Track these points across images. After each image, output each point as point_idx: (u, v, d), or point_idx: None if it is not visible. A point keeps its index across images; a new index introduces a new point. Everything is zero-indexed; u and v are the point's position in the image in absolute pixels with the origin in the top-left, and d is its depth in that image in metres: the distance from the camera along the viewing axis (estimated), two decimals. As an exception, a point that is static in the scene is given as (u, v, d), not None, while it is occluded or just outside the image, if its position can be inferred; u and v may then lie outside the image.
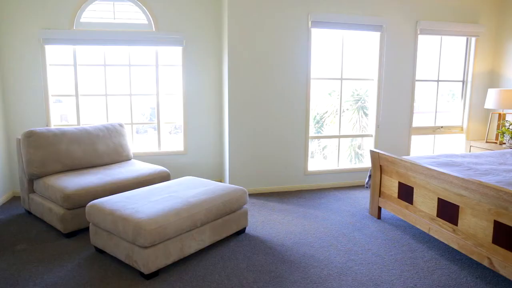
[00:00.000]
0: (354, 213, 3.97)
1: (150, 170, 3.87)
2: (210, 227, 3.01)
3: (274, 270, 2.76)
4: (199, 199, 2.96)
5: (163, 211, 2.69)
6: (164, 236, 2.60)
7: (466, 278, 2.67)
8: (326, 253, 3.03)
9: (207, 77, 4.81)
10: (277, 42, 4.48)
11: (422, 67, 5.22)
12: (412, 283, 2.60)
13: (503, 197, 2.37)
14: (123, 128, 4.33)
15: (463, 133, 5.50)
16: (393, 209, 3.55)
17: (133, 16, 4.45)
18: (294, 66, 4.58)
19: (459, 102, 5.50)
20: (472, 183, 2.61)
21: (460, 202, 2.77)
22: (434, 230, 3.02)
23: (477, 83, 5.40)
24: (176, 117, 4.88)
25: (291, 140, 4.72)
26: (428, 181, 3.07)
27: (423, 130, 5.33)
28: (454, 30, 5.07)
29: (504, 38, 5.23)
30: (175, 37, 4.55)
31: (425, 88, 5.39)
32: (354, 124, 5.72)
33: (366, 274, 2.72)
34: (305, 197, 4.52)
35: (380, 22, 4.75)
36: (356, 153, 5.67)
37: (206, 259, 2.92)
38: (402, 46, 4.95)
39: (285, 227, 3.57)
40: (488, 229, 2.53)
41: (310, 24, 4.52)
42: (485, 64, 5.39)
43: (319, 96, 5.31)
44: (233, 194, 3.21)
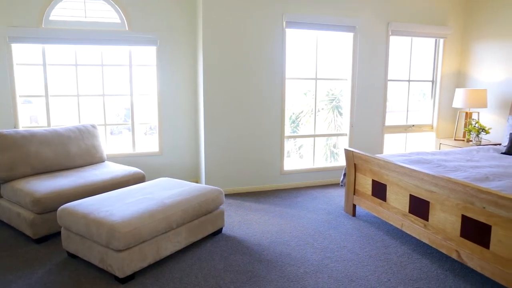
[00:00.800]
0: (330, 211, 4.03)
1: (124, 172, 3.80)
2: (186, 228, 2.99)
3: (251, 270, 2.77)
4: (175, 200, 2.94)
5: (137, 213, 2.64)
6: (139, 239, 2.56)
7: (436, 271, 2.76)
8: (302, 252, 3.07)
9: (182, 77, 4.76)
10: (252, 42, 4.49)
11: (394, 67, 5.36)
12: (386, 278, 2.66)
13: (470, 192, 2.46)
14: (96, 129, 4.23)
15: (433, 131, 5.68)
16: (367, 206, 3.63)
17: (105, 15, 4.35)
18: (269, 66, 4.60)
19: (429, 101, 5.67)
20: (441, 179, 2.70)
21: (430, 198, 2.86)
22: (407, 226, 3.11)
23: (445, 83, 5.58)
24: (151, 117, 4.81)
25: (267, 140, 4.74)
26: (401, 179, 3.16)
27: (396, 128, 5.47)
28: (423, 31, 5.23)
29: (469, 39, 5.44)
30: (149, 36, 4.48)
31: (397, 88, 5.54)
32: (329, 123, 5.80)
33: (342, 270, 2.77)
34: (281, 196, 4.55)
35: (353, 23, 4.84)
36: (331, 152, 5.75)
37: (182, 260, 2.90)
38: (375, 47, 5.06)
39: (261, 227, 3.59)
40: (457, 224, 2.63)
41: (284, 24, 4.55)
42: (453, 64, 5.59)
43: (294, 96, 5.36)
44: (209, 195, 3.20)
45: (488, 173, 3.11)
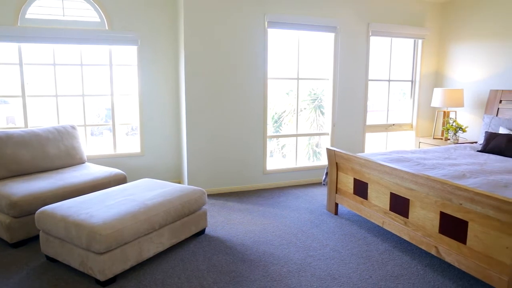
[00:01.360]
0: (312, 210, 4.06)
1: (105, 173, 3.74)
2: (169, 229, 2.97)
3: (235, 270, 2.76)
4: (157, 201, 2.91)
5: (119, 215, 2.61)
6: (121, 241, 2.53)
7: (416, 267, 2.82)
8: (285, 251, 3.08)
9: (164, 77, 4.72)
10: (234, 42, 4.49)
11: (375, 67, 5.44)
12: (368, 275, 2.70)
13: (448, 189, 2.52)
14: (75, 130, 4.15)
15: (412, 130, 5.80)
16: (349, 204, 3.67)
17: (84, 14, 4.27)
18: (251, 66, 4.61)
19: (409, 101, 5.78)
20: (420, 177, 2.76)
21: (410, 195, 2.91)
22: (388, 223, 3.16)
23: (424, 82, 5.70)
24: (132, 118, 4.75)
25: (249, 139, 4.74)
26: (381, 177, 3.21)
27: (376, 127, 5.56)
28: (402, 32, 5.33)
29: (446, 40, 5.57)
30: (130, 36, 4.43)
31: (378, 88, 5.62)
32: (312, 123, 5.84)
33: (324, 269, 2.79)
34: (264, 196, 4.57)
35: (334, 23, 4.89)
36: (314, 151, 5.80)
37: (165, 262, 2.87)
38: (355, 47, 5.13)
39: (244, 227, 3.59)
40: (435, 220, 2.69)
41: (266, 24, 4.56)
42: (431, 65, 5.71)
43: (277, 96, 5.38)
44: (192, 195, 3.18)
45: (465, 171, 3.19)
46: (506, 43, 4.74)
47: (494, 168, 3.30)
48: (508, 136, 3.99)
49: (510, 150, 3.89)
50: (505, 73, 4.77)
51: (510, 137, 3.96)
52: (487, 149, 4.12)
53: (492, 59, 4.93)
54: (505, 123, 4.35)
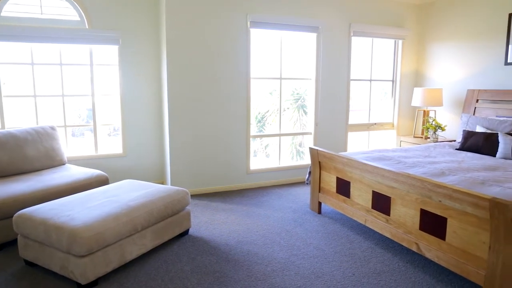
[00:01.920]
0: (296, 209, 4.09)
1: (86, 175, 3.68)
2: (152, 230, 2.94)
3: (219, 270, 2.76)
4: (139, 202, 2.88)
5: (100, 217, 2.57)
6: (102, 243, 2.49)
7: (398, 263, 2.87)
8: (269, 250, 3.09)
9: (146, 77, 4.67)
10: (216, 42, 4.47)
11: (356, 67, 5.51)
12: (351, 273, 2.74)
13: (427, 187, 2.58)
14: (55, 131, 4.07)
15: (394, 129, 5.89)
16: (332, 203, 3.71)
17: (63, 12, 4.19)
18: (234, 66, 4.60)
19: (390, 100, 5.88)
20: (401, 175, 2.81)
21: (391, 193, 2.96)
22: (370, 221, 3.21)
23: (404, 82, 5.81)
24: (114, 118, 4.68)
25: (232, 139, 4.74)
26: (363, 175, 3.25)
27: (359, 127, 5.63)
28: (383, 33, 5.41)
29: (425, 41, 5.69)
30: (110, 35, 4.36)
31: (360, 87, 5.70)
32: (295, 122, 5.88)
33: (308, 267, 2.82)
34: (248, 195, 4.57)
35: (316, 24, 4.93)
36: (297, 151, 5.84)
37: (148, 263, 2.85)
38: (337, 47, 5.18)
39: (228, 227, 3.59)
40: (416, 217, 2.74)
41: (249, 24, 4.57)
42: (411, 65, 5.82)
43: (260, 96, 5.39)
44: (175, 196, 3.16)
45: (444, 168, 3.26)
46: (481, 44, 4.87)
47: (471, 166, 3.39)
48: (484, 134, 4.10)
49: (487, 148, 4.00)
50: (481, 73, 4.91)
51: (486, 136, 4.07)
52: (465, 147, 4.22)
53: (469, 59, 5.06)
54: (481, 121, 4.47)
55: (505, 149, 3.78)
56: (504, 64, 4.61)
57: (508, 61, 4.56)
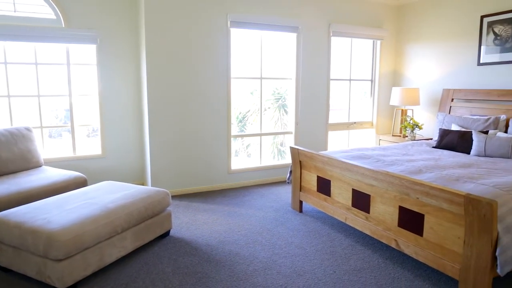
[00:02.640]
0: (277, 208, 4.11)
1: (64, 177, 3.60)
2: (132, 232, 2.90)
3: (200, 271, 2.75)
4: (119, 204, 2.83)
5: (79, 219, 2.52)
6: (81, 246, 2.44)
7: (377, 260, 2.92)
8: (251, 249, 3.10)
9: (125, 77, 4.60)
10: (196, 41, 4.45)
11: (336, 67, 5.58)
12: (332, 270, 2.77)
13: (405, 184, 2.64)
14: (30, 132, 3.96)
15: (373, 128, 5.99)
16: (313, 202, 3.74)
17: (38, 10, 4.08)
18: (214, 66, 4.59)
19: (369, 99, 5.97)
20: (380, 173, 2.86)
21: (371, 191, 3.01)
22: (350, 219, 3.25)
23: (383, 82, 5.91)
24: (93, 119, 4.59)
25: (213, 139, 4.72)
26: (343, 174, 3.29)
27: (339, 126, 5.70)
28: (361, 33, 5.50)
29: (403, 42, 5.81)
30: (88, 34, 4.27)
31: (339, 87, 5.76)
32: (276, 122, 5.90)
33: (290, 266, 2.83)
34: (230, 195, 4.56)
35: (296, 24, 4.97)
36: (279, 150, 5.86)
37: (129, 266, 2.81)
38: (317, 47, 5.23)
39: (210, 227, 3.57)
40: (394, 214, 2.80)
41: (229, 24, 4.56)
42: (389, 65, 5.93)
43: (241, 95, 5.39)
44: (155, 197, 3.13)
45: (421, 166, 3.34)
46: (456, 45, 5.00)
47: (447, 163, 3.48)
48: (459, 132, 4.22)
49: (461, 146, 4.12)
50: (456, 73, 5.04)
51: (461, 134, 4.19)
52: (441, 145, 4.33)
53: (445, 60, 5.19)
54: (456, 120, 4.60)
55: (479, 147, 3.89)
56: (477, 65, 4.75)
57: (481, 62, 4.71)
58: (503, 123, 4.22)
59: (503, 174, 3.05)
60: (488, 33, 4.60)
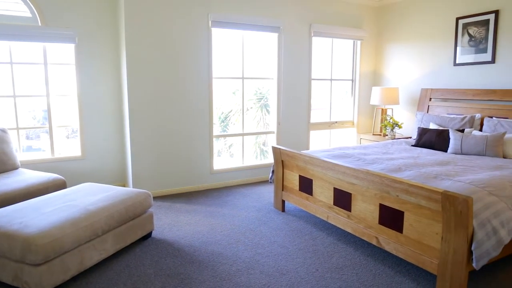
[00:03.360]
0: (260, 208, 4.12)
1: (42, 179, 3.51)
2: (113, 234, 2.86)
3: (183, 272, 2.73)
4: (99, 206, 2.79)
5: (57, 222, 2.47)
6: (60, 250, 2.39)
7: (359, 257, 2.96)
8: (234, 249, 3.10)
9: (105, 77, 4.52)
10: (177, 41, 4.41)
11: (317, 67, 5.63)
12: (314, 269, 2.80)
13: (385, 182, 2.68)
14: (6, 133, 3.85)
15: (354, 127, 6.07)
16: (295, 201, 3.77)
17: (12, 8, 3.97)
18: (196, 65, 4.56)
19: (350, 99, 6.05)
20: (361, 172, 2.91)
21: (352, 190, 3.05)
22: (332, 218, 3.29)
23: (363, 81, 6.00)
24: (72, 119, 4.50)
25: (195, 140, 4.70)
26: (325, 173, 3.33)
27: (320, 125, 5.75)
28: (342, 33, 5.56)
29: (382, 42, 5.91)
30: (66, 33, 4.18)
31: (321, 86, 5.82)
32: (258, 121, 5.91)
33: (273, 265, 2.85)
34: (212, 196, 4.55)
35: (277, 24, 4.99)
36: (261, 150, 5.87)
37: (110, 269, 2.77)
38: (298, 47, 5.27)
39: (192, 228, 3.55)
40: (375, 212, 2.84)
41: (210, 23, 4.54)
42: (369, 65, 6.02)
43: (223, 95, 5.37)
44: (136, 198, 3.09)
45: (401, 164, 3.41)
46: (433, 45, 5.12)
47: (425, 161, 3.56)
48: (437, 131, 4.32)
49: (439, 144, 4.22)
50: (433, 73, 5.16)
51: (438, 132, 4.29)
52: (420, 143, 4.42)
53: (423, 60, 5.31)
54: (434, 119, 4.71)
55: (455, 145, 4.00)
56: (453, 65, 4.88)
57: (457, 62, 4.83)
58: (478, 122, 4.35)
59: (478, 171, 3.15)
60: (463, 35, 4.72)
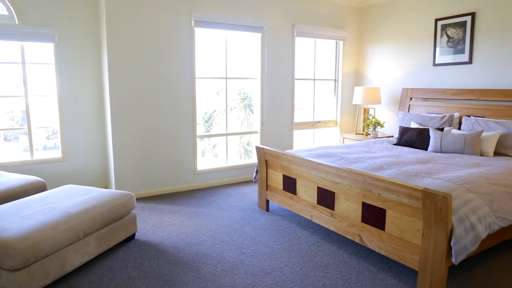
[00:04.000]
0: (244, 208, 4.12)
1: (20, 182, 3.43)
2: (95, 237, 2.81)
3: (167, 274, 2.71)
4: (81, 209, 2.74)
5: (37, 226, 2.41)
6: (40, 254, 2.34)
7: (343, 255, 3.00)
8: (218, 250, 3.09)
9: (85, 77, 4.45)
10: (160, 41, 4.37)
11: (301, 67, 5.66)
12: (299, 267, 2.81)
13: (368, 181, 2.72)
14: (-18, 135, 3.75)
15: (337, 127, 6.14)
16: (279, 200, 3.78)
17: (-12, 7, 3.87)
18: (179, 66, 4.53)
19: (333, 98, 6.11)
20: (344, 171, 2.94)
21: (335, 189, 3.08)
22: (316, 216, 3.31)
23: (346, 81, 6.07)
24: (52, 120, 4.41)
25: (179, 140, 4.67)
26: (309, 172, 3.35)
27: (304, 125, 5.79)
28: (325, 34, 5.61)
29: (364, 43, 5.98)
30: (45, 32, 4.09)
31: (304, 86, 5.86)
32: (242, 121, 5.91)
33: (257, 265, 2.85)
34: (196, 196, 4.53)
35: (260, 24, 4.99)
36: (245, 150, 5.87)
37: (92, 272, 2.72)
38: (282, 47, 5.29)
39: (176, 229, 3.53)
40: (358, 210, 2.88)
41: (193, 23, 4.52)
42: (351, 65, 6.09)
43: (207, 95, 5.36)
44: (119, 200, 3.05)
45: (383, 163, 3.46)
46: (413, 46, 5.21)
47: (406, 160, 3.62)
48: (418, 130, 4.40)
49: (420, 143, 4.30)
50: (414, 73, 5.26)
51: (419, 131, 4.37)
52: (401, 142, 4.50)
53: (403, 60, 5.40)
54: (415, 118, 4.79)
55: (435, 143, 4.08)
56: (433, 65, 4.98)
57: (436, 63, 4.94)
58: (457, 120, 4.45)
59: (457, 169, 3.22)
60: (442, 36, 4.83)
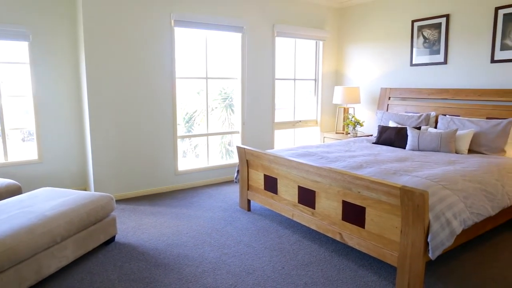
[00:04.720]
0: (226, 208, 4.11)
1: (-7, 185, 3.33)
2: (74, 240, 2.75)
3: (148, 276, 2.68)
4: (58, 212, 2.68)
5: (11, 230, 2.35)
6: (14, 259, 2.27)
7: (324, 254, 3.03)
8: (200, 251, 3.08)
9: (62, 77, 4.35)
10: (139, 40, 4.31)
11: (281, 67, 5.69)
12: (280, 266, 2.83)
13: (347, 179, 2.76)
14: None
15: (317, 126, 6.19)
16: (260, 200, 3.79)
17: (-42, 4, 3.73)
18: (158, 65, 4.48)
19: (314, 98, 6.16)
20: (324, 170, 2.97)
21: (316, 187, 3.11)
22: (297, 215, 3.34)
23: (326, 81, 6.13)
24: (28, 121, 4.29)
25: (159, 141, 4.62)
26: (289, 172, 3.37)
27: (284, 124, 5.82)
28: (305, 34, 5.65)
29: (343, 43, 6.06)
30: (18, 30, 3.98)
31: (285, 86, 5.89)
32: (223, 122, 5.89)
33: (239, 265, 2.85)
34: (177, 197, 4.49)
35: (241, 24, 4.99)
36: (227, 150, 5.86)
37: (71, 276, 2.67)
38: (262, 47, 5.30)
39: (157, 230, 3.49)
40: (338, 209, 2.92)
41: (173, 23, 4.48)
42: (331, 64, 6.16)
43: (187, 95, 5.31)
44: (98, 202, 2.99)
45: (362, 161, 3.51)
46: (391, 46, 5.31)
47: (385, 158, 3.69)
48: (396, 129, 4.49)
49: (398, 141, 4.38)
50: (392, 73, 5.36)
51: (397, 130, 4.46)
52: (380, 141, 4.58)
53: (382, 60, 5.50)
54: (393, 117, 4.89)
55: (413, 142, 4.17)
56: (410, 65, 5.09)
57: (413, 63, 5.05)
58: (433, 119, 4.56)
59: (433, 167, 3.30)
60: (418, 37, 4.94)
